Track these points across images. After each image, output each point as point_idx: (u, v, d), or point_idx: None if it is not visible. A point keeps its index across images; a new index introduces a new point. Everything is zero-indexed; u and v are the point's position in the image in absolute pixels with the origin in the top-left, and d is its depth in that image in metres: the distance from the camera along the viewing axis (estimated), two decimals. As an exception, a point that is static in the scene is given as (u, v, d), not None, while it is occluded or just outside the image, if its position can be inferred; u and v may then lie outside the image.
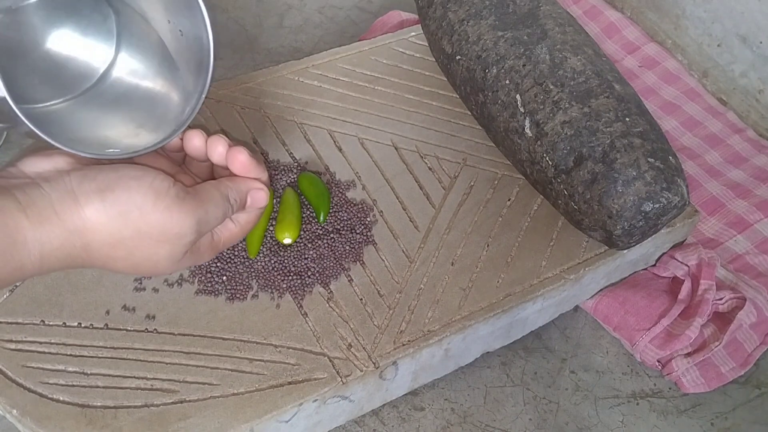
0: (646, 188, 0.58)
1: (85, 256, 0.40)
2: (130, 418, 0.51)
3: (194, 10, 0.43)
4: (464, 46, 0.69)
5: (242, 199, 0.45)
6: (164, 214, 0.40)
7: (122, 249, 0.40)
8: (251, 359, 0.55)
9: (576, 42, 0.65)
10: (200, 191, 0.42)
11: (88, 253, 0.40)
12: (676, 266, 0.68)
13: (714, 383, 0.64)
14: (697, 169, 0.79)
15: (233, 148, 0.44)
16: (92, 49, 0.48)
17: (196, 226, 0.41)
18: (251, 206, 0.46)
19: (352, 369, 0.55)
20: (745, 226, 0.73)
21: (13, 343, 0.54)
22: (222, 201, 0.43)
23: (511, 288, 0.61)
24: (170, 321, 0.57)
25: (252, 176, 0.45)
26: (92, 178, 0.39)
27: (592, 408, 0.63)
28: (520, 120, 0.64)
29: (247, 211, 0.46)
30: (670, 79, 0.88)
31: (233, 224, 0.46)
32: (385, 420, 0.61)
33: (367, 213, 0.65)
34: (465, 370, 0.64)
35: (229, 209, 0.44)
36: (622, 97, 0.62)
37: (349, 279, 0.61)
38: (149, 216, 0.40)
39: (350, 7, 0.98)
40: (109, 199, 0.39)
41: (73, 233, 0.38)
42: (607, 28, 0.93)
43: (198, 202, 0.42)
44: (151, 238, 0.40)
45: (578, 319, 0.68)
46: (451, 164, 0.70)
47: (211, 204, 0.42)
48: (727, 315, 0.66)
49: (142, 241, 0.40)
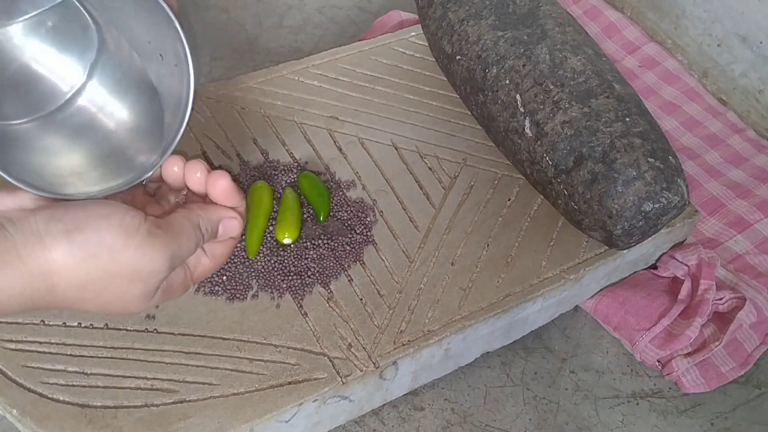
0: (646, 188, 0.58)
1: (50, 299, 0.38)
2: (130, 418, 0.51)
3: (171, 30, 0.40)
4: (464, 46, 0.69)
5: (214, 228, 0.43)
6: (136, 253, 0.38)
7: (91, 290, 0.38)
8: (251, 359, 0.55)
9: (576, 42, 0.65)
10: (172, 223, 0.40)
11: (52, 296, 0.38)
12: (676, 266, 0.68)
13: (714, 383, 0.64)
14: (697, 169, 0.79)
15: (214, 173, 0.42)
16: (67, 68, 0.45)
17: (168, 262, 0.39)
18: (223, 235, 0.44)
19: (352, 369, 0.55)
20: (745, 226, 0.73)
21: (13, 343, 0.54)
22: (194, 231, 0.41)
23: (511, 288, 0.61)
24: (170, 321, 0.57)
25: (230, 204, 0.43)
26: (59, 218, 0.37)
27: (592, 408, 0.63)
28: (520, 120, 0.64)
29: (221, 241, 0.44)
30: (670, 79, 0.88)
31: (206, 258, 0.45)
32: (385, 420, 0.61)
33: (367, 213, 0.65)
34: (465, 370, 0.64)
35: (200, 239, 0.42)
36: (622, 97, 0.62)
37: (349, 279, 0.61)
38: (120, 256, 0.38)
39: (350, 7, 0.98)
40: (77, 240, 0.37)
41: (36, 277, 0.36)
42: (607, 28, 0.92)
43: (170, 236, 0.40)
44: (122, 278, 0.38)
45: (578, 319, 0.68)
46: (451, 164, 0.70)
47: (183, 236, 0.40)
48: (727, 315, 0.66)
49: (113, 282, 0.38)
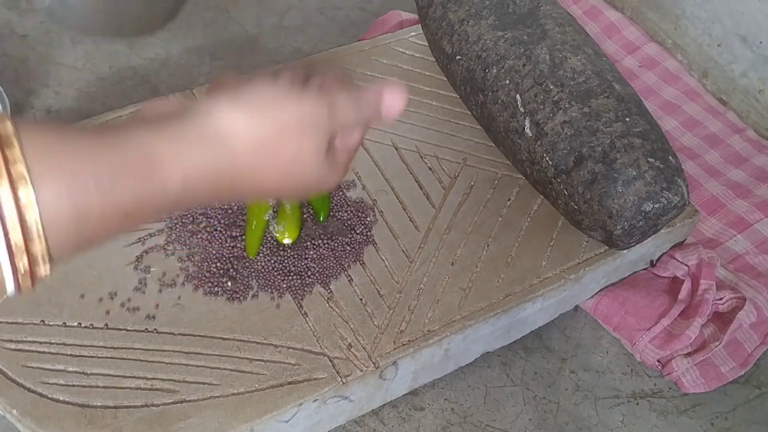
0: (646, 188, 0.58)
1: (231, 171, 0.37)
2: (130, 418, 0.51)
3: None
4: (464, 46, 0.69)
5: (374, 103, 0.43)
6: (297, 102, 0.39)
7: (268, 152, 0.38)
8: (251, 359, 0.55)
9: (576, 42, 0.65)
10: (328, 83, 0.41)
11: (233, 166, 0.37)
12: (676, 266, 0.68)
13: (714, 383, 0.64)
14: (697, 169, 0.79)
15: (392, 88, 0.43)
16: None
17: (329, 110, 0.40)
18: (385, 115, 0.43)
19: (352, 369, 0.55)
20: (745, 226, 0.73)
21: (13, 343, 0.54)
22: (351, 96, 0.41)
23: (511, 288, 0.61)
24: (170, 321, 0.57)
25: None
26: (218, 88, 0.38)
27: (592, 408, 0.63)
28: (520, 120, 0.64)
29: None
30: (670, 79, 0.88)
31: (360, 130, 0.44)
32: (385, 420, 0.61)
33: (367, 213, 0.65)
34: (465, 370, 0.64)
35: (359, 109, 0.42)
36: (622, 97, 0.62)
37: (349, 279, 0.61)
38: (283, 106, 0.38)
39: (350, 7, 0.98)
40: (241, 99, 0.37)
41: (214, 146, 0.36)
42: (607, 28, 0.92)
43: (326, 92, 0.40)
44: (291, 130, 0.39)
45: (578, 319, 0.68)
46: (451, 164, 0.70)
47: (340, 95, 0.41)
48: (727, 315, 0.66)
49: (284, 139, 0.38)
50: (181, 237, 0.61)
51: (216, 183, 0.37)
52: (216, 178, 0.37)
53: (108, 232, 0.33)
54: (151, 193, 0.34)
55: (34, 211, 0.29)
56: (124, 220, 0.33)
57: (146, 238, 0.61)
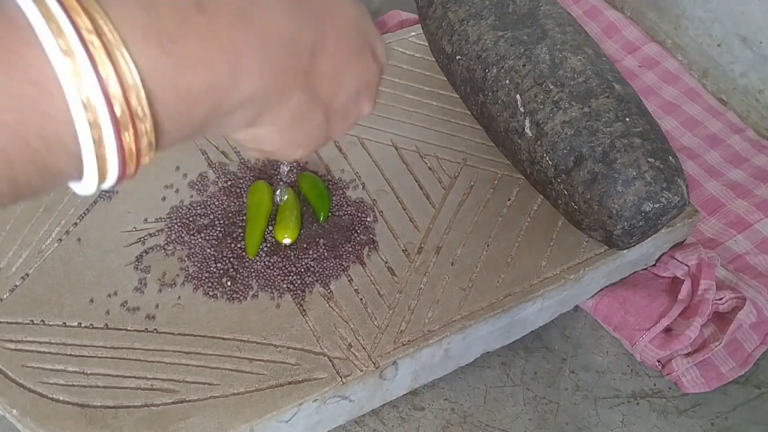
0: (646, 188, 0.58)
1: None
2: (130, 418, 0.51)
3: None
4: (464, 46, 0.69)
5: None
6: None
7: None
8: (251, 359, 0.55)
9: (576, 42, 0.65)
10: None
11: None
12: (676, 266, 0.68)
13: (714, 383, 0.64)
14: (697, 169, 0.79)
15: None
16: None
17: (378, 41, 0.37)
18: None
19: (352, 369, 0.55)
20: (745, 226, 0.73)
21: (13, 343, 0.54)
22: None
23: (511, 288, 0.61)
24: (170, 321, 0.57)
25: None
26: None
27: (592, 408, 0.63)
28: (520, 120, 0.64)
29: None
30: (670, 79, 0.88)
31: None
32: (385, 420, 0.61)
33: (367, 213, 0.65)
34: (465, 370, 0.64)
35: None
36: (622, 97, 0.62)
37: (349, 279, 0.61)
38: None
39: (350, 7, 0.98)
40: None
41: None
42: (607, 28, 0.92)
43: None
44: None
45: (578, 319, 0.68)
46: (451, 164, 0.70)
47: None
48: (727, 315, 0.66)
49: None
50: (181, 237, 0.61)
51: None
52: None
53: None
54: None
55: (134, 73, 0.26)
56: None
57: (146, 238, 0.61)
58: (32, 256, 0.59)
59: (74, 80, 0.25)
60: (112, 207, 0.63)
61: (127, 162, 0.27)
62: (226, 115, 0.30)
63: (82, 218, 0.62)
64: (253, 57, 0.29)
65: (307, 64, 0.33)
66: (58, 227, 0.61)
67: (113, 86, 0.25)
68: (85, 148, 0.26)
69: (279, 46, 0.31)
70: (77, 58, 0.25)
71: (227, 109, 0.30)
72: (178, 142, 0.30)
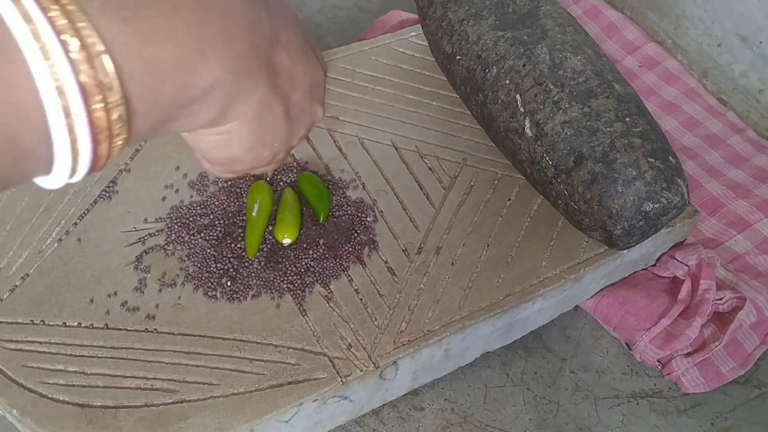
0: (646, 188, 0.58)
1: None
2: (130, 418, 0.51)
3: None
4: (464, 46, 0.69)
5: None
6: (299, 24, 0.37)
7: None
8: (251, 359, 0.55)
9: (576, 42, 0.65)
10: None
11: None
12: (676, 266, 0.68)
13: (714, 383, 0.64)
14: (697, 169, 0.79)
15: None
16: None
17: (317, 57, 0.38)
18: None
19: (352, 369, 0.55)
20: (745, 226, 0.73)
21: (13, 343, 0.54)
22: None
23: (511, 288, 0.61)
24: (170, 321, 0.57)
25: None
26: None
27: (592, 408, 0.63)
28: (520, 120, 0.64)
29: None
30: (670, 79, 0.88)
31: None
32: (385, 420, 0.61)
33: (367, 213, 0.65)
34: (465, 370, 0.64)
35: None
36: (622, 97, 0.62)
37: (349, 279, 0.61)
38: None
39: (350, 7, 0.98)
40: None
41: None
42: (607, 28, 0.92)
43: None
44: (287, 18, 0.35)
45: (578, 319, 0.68)
46: (451, 164, 0.70)
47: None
48: (727, 315, 0.66)
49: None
50: (181, 237, 0.61)
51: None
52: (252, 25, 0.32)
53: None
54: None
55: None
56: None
57: (146, 238, 0.61)
58: (32, 256, 0.59)
59: (37, 46, 0.24)
60: (112, 207, 0.63)
61: (99, 139, 0.27)
62: (197, 100, 0.30)
63: (82, 218, 0.62)
64: (217, 35, 0.30)
65: (268, 50, 0.33)
66: (58, 227, 0.61)
67: (77, 52, 0.25)
68: (52, 119, 0.25)
69: (241, 28, 0.31)
70: (38, 26, 0.24)
71: (197, 92, 0.30)
72: (152, 130, 0.29)
